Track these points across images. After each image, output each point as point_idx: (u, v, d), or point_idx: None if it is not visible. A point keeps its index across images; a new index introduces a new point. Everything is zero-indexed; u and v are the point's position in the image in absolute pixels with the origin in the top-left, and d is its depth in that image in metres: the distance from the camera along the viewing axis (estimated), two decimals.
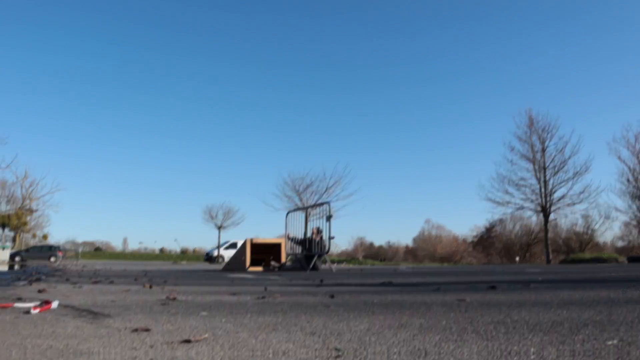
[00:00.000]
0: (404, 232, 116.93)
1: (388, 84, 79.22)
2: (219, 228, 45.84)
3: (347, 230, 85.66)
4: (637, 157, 34.49)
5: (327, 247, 11.10)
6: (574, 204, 34.80)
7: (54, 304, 2.84)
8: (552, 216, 36.07)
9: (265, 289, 4.41)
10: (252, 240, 12.02)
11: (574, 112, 67.31)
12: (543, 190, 35.41)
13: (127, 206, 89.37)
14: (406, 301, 3.09)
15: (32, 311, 2.57)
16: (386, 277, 6.83)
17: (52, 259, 39.15)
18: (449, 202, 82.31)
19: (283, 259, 12.26)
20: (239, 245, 18.02)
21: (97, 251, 74.16)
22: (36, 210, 49.54)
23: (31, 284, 5.26)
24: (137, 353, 1.52)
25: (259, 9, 78.92)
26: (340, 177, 37.59)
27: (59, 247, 42.98)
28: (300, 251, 11.76)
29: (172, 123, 79.97)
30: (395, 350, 1.51)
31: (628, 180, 35.06)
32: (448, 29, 77.91)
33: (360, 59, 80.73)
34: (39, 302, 2.95)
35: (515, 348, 1.50)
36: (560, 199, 35.04)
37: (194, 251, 77.92)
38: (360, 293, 3.85)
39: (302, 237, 12.05)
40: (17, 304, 2.91)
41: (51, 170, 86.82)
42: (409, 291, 4.01)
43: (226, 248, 42.13)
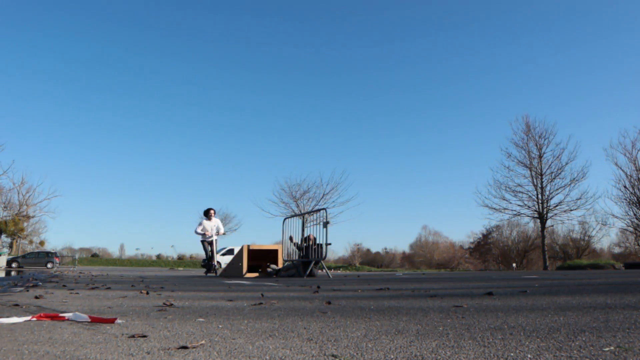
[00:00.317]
0: (400, 239, 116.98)
1: (384, 89, 79.56)
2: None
3: (344, 237, 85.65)
4: (634, 164, 34.62)
5: (324, 254, 11.09)
6: (571, 210, 34.94)
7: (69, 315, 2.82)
8: (549, 223, 36.16)
9: (262, 295, 4.40)
10: (249, 246, 11.99)
11: (570, 118, 67.59)
12: (540, 196, 35.52)
13: (123, 212, 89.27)
14: (403, 307, 3.09)
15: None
16: (383, 284, 6.82)
17: (49, 265, 39.03)
18: (446, 208, 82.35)
19: (280, 265, 12.23)
20: (235, 252, 17.98)
21: (94, 257, 73.86)
22: (33, 217, 49.45)
23: (28, 290, 5.23)
24: (134, 359, 1.52)
25: (255, 15, 79.23)
26: (337, 184, 37.72)
27: (55, 253, 42.87)
28: (297, 257, 11.74)
29: (168, 129, 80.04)
30: (392, 357, 1.51)
31: (625, 187, 35.19)
32: (444, 34, 78.31)
33: (357, 64, 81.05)
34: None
35: (512, 354, 1.50)
36: (557, 206, 35.17)
37: (190, 257, 77.69)
38: (357, 299, 3.85)
39: (300, 243, 12.03)
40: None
41: (48, 177, 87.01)
42: (405, 297, 4.01)
43: (223, 254, 42.05)
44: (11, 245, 47.92)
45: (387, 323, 2.30)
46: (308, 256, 11.31)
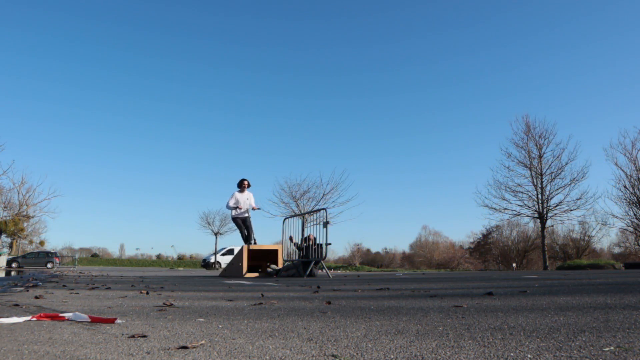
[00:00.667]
0: (400, 239, 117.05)
1: (385, 89, 79.59)
2: (215, 234, 45.78)
3: (344, 237, 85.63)
4: (634, 164, 34.58)
5: (324, 254, 11.09)
6: (571, 210, 34.88)
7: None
8: (549, 223, 36.13)
9: (262, 295, 4.40)
10: (249, 246, 11.99)
11: (570, 118, 67.69)
12: (540, 196, 35.49)
13: (124, 212, 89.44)
14: (403, 307, 3.09)
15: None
16: (383, 284, 6.82)
17: (49, 265, 39.03)
18: (446, 208, 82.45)
19: (280, 265, 12.23)
20: (235, 252, 17.96)
21: (94, 257, 73.90)
22: (33, 217, 49.43)
23: (28, 290, 5.23)
24: (133, 359, 1.52)
25: (256, 15, 79.22)
26: (337, 184, 37.59)
27: (55, 253, 42.86)
28: (297, 257, 11.74)
29: (168, 128, 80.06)
30: (392, 357, 1.51)
31: (625, 187, 35.15)
32: (444, 34, 78.33)
33: (358, 64, 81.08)
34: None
35: (512, 354, 1.50)
36: (557, 206, 35.12)
37: (190, 257, 77.74)
38: (357, 299, 3.85)
39: (300, 243, 12.03)
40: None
41: (48, 177, 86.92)
42: (405, 297, 4.01)
43: (223, 254, 42.08)
44: (11, 245, 47.92)
45: (387, 323, 2.30)
46: (308, 256, 11.31)
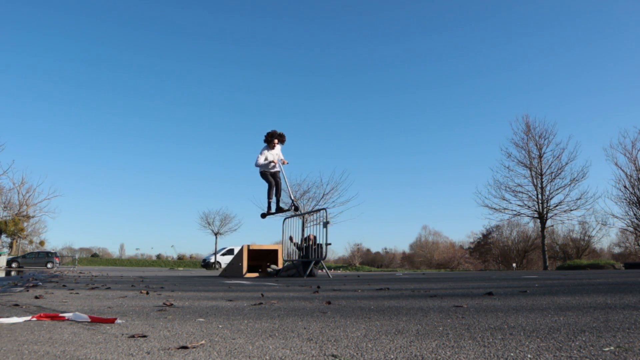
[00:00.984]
0: (400, 239, 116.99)
1: (385, 89, 79.58)
2: (215, 234, 45.76)
3: (344, 237, 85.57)
4: (634, 164, 34.59)
5: (324, 254, 11.09)
6: (571, 210, 34.89)
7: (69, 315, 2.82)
8: (549, 223, 36.14)
9: (262, 295, 4.40)
10: (249, 246, 11.99)
11: (570, 118, 67.62)
12: (540, 196, 35.50)
13: (124, 212, 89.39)
14: (403, 307, 3.09)
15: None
16: (383, 284, 6.82)
17: (49, 265, 39.03)
18: (446, 208, 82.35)
19: (280, 265, 12.23)
20: (235, 252, 17.96)
21: (94, 257, 73.86)
22: (33, 217, 49.43)
23: (28, 290, 5.23)
24: (133, 359, 1.52)
25: (254, 14, 79.25)
26: (337, 184, 37.57)
27: (55, 253, 42.86)
28: (297, 257, 11.74)
29: (168, 128, 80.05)
30: (392, 357, 1.51)
31: (625, 187, 35.15)
32: (444, 34, 78.34)
33: (357, 64, 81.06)
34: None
35: (512, 354, 1.50)
36: (557, 206, 35.13)
37: (190, 257, 77.74)
38: (357, 299, 3.85)
39: (300, 243, 12.04)
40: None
41: (48, 177, 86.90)
42: (405, 297, 4.01)
43: (223, 254, 42.07)
44: (11, 245, 47.92)
45: (387, 323, 2.30)
46: (308, 256, 11.31)
